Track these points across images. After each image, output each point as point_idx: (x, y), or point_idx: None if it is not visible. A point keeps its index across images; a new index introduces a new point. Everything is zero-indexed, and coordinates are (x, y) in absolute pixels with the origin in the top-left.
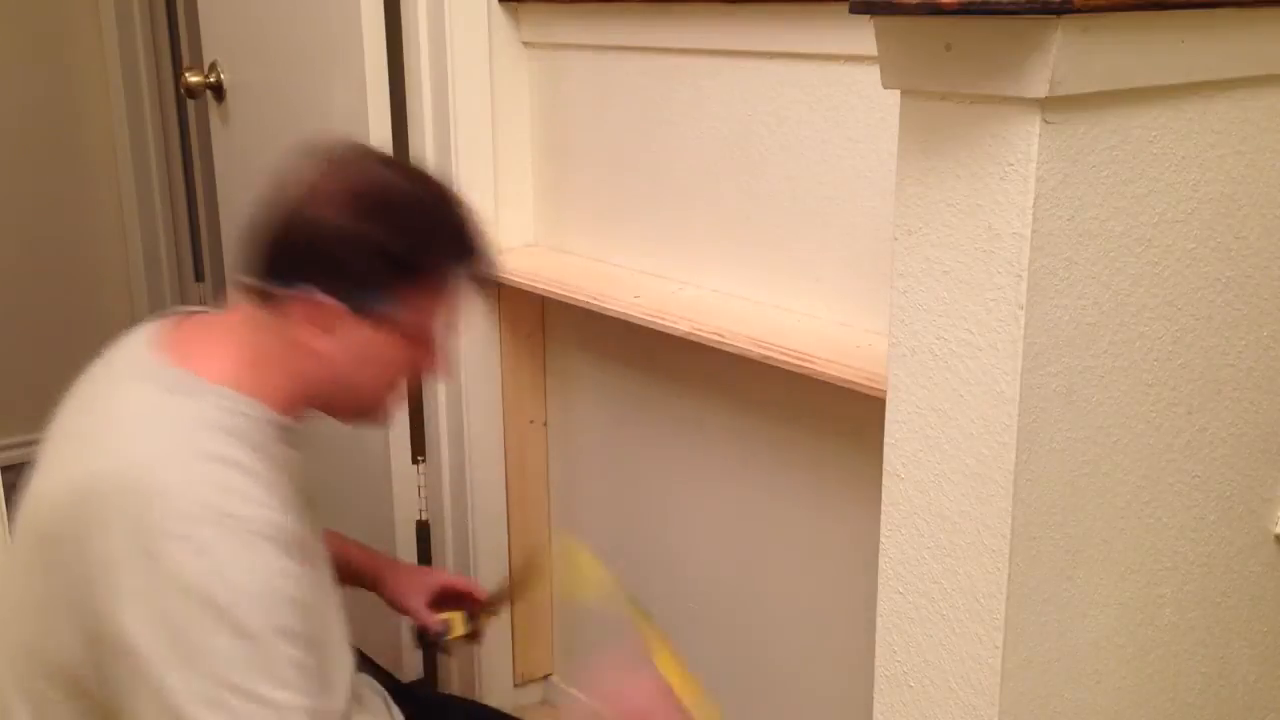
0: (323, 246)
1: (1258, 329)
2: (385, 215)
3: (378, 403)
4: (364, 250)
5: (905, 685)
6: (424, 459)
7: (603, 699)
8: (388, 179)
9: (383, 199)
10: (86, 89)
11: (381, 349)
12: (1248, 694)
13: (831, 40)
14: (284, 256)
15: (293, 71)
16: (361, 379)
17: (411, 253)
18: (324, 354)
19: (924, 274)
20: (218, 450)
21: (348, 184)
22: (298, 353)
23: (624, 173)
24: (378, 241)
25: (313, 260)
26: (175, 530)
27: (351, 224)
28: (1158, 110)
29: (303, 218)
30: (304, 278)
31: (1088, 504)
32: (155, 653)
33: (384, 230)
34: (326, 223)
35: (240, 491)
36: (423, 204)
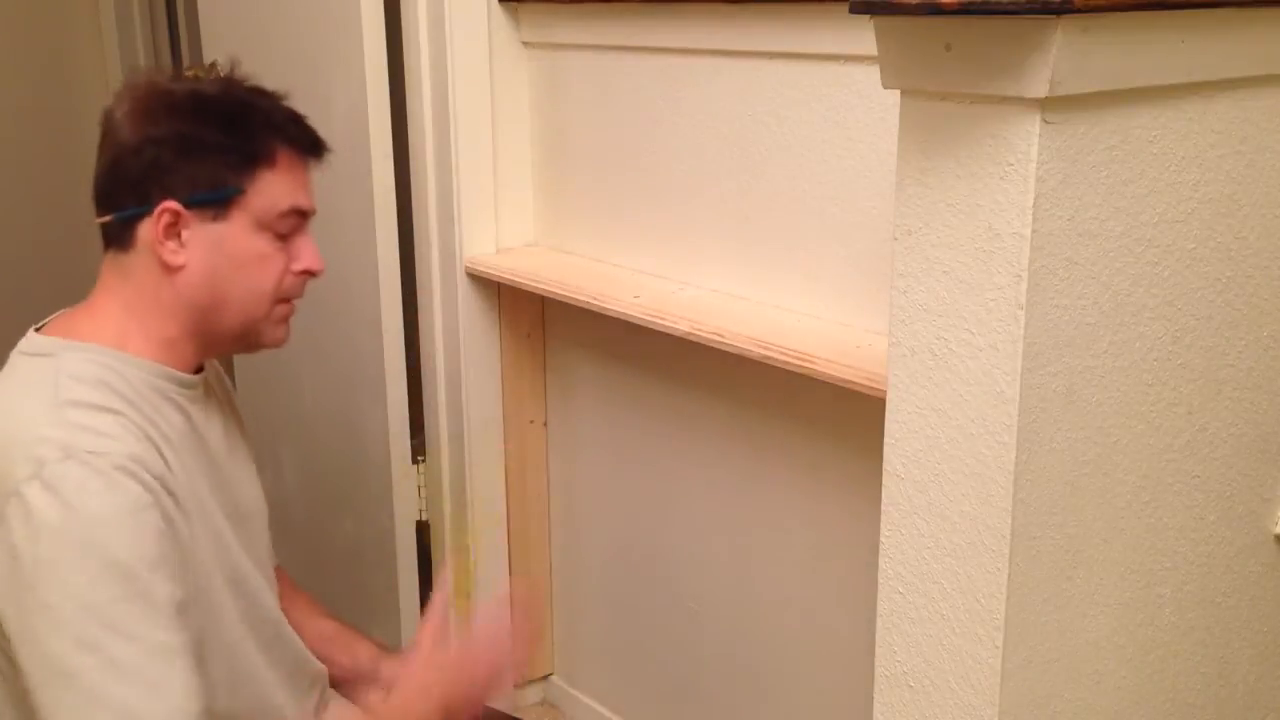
0: (144, 159)
1: (1258, 329)
2: (192, 112)
3: (259, 311)
4: (180, 145)
5: (905, 685)
6: (424, 459)
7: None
8: (182, 85)
9: (185, 99)
10: (86, 89)
11: (239, 242)
12: (1248, 694)
13: (831, 40)
14: (114, 186)
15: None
16: (233, 285)
17: (225, 133)
18: (187, 267)
19: (924, 274)
20: (70, 395)
21: (143, 99)
22: (161, 282)
23: (624, 173)
24: (189, 133)
25: (140, 176)
26: (23, 472)
27: (164, 127)
28: (1158, 110)
29: (116, 142)
30: (136, 198)
31: (1088, 504)
32: (21, 598)
33: (193, 123)
34: (138, 135)
35: (91, 428)
36: (225, 94)
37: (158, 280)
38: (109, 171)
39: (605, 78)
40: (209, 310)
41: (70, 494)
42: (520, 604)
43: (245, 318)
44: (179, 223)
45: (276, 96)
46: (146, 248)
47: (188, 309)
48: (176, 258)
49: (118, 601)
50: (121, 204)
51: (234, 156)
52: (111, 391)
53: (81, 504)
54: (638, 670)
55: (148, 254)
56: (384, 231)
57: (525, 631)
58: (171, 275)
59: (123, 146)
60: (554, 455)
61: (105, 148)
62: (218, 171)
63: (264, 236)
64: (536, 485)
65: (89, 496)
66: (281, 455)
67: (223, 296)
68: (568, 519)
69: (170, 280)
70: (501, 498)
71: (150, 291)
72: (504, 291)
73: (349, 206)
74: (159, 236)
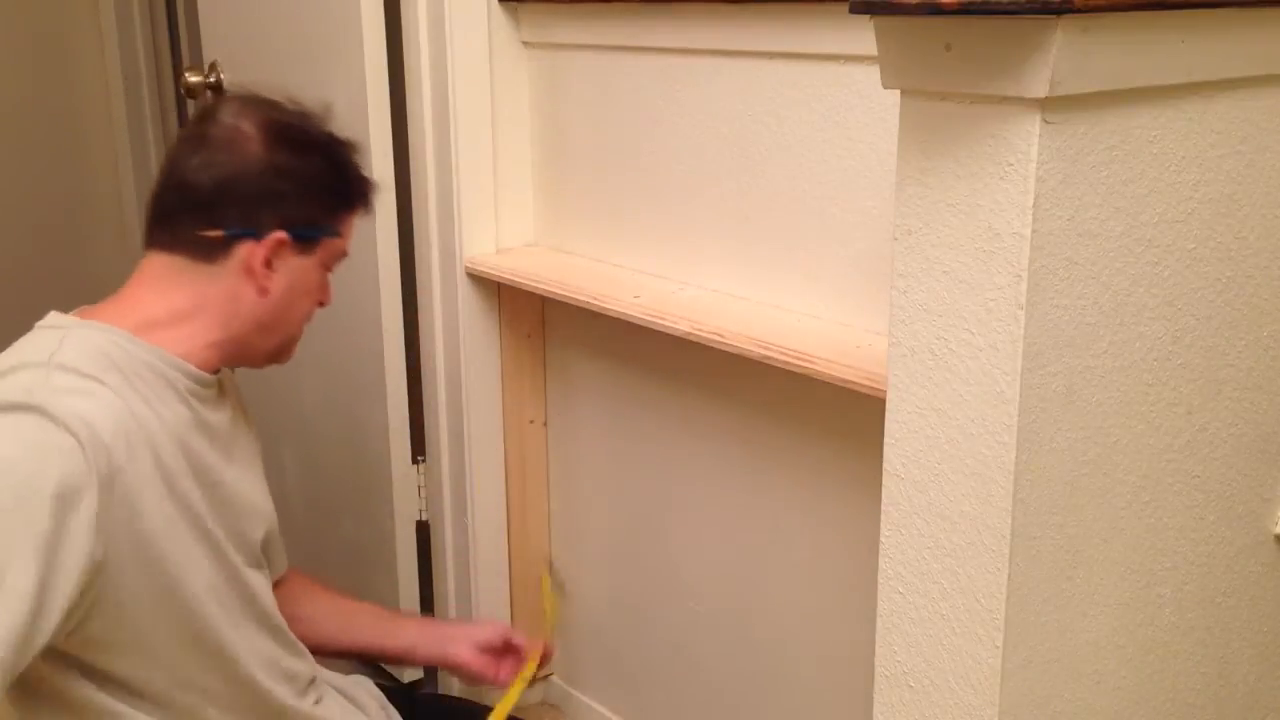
0: (265, 183)
1: (1258, 329)
2: (310, 146)
3: (295, 337)
4: (303, 180)
5: (905, 685)
6: (424, 459)
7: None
8: (295, 116)
9: (302, 134)
10: (86, 89)
11: (309, 276)
12: (1248, 694)
13: (831, 40)
14: (224, 200)
15: (293, 71)
16: (291, 312)
17: (339, 177)
18: (266, 291)
19: (924, 274)
20: (63, 359)
21: (275, 125)
22: (238, 299)
23: (624, 173)
24: (313, 171)
25: (256, 199)
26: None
27: (293, 159)
28: (1158, 110)
29: (239, 156)
30: (245, 219)
31: (1088, 504)
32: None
33: (318, 161)
34: (266, 160)
35: (62, 392)
36: (331, 139)
37: (234, 296)
38: (222, 185)
39: (605, 78)
40: (263, 329)
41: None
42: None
43: (285, 339)
44: (279, 252)
45: (353, 145)
46: (239, 266)
47: (246, 325)
48: (268, 282)
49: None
50: (228, 221)
51: (339, 201)
52: (110, 364)
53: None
54: (638, 670)
55: (237, 273)
56: (384, 231)
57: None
58: (252, 295)
59: (246, 165)
60: (554, 455)
61: (219, 156)
62: (323, 212)
63: (322, 272)
64: (536, 485)
65: (13, 448)
66: (282, 455)
67: (281, 320)
68: (568, 519)
69: (248, 299)
70: (501, 498)
71: (219, 303)
72: (504, 291)
73: None
74: (260, 261)
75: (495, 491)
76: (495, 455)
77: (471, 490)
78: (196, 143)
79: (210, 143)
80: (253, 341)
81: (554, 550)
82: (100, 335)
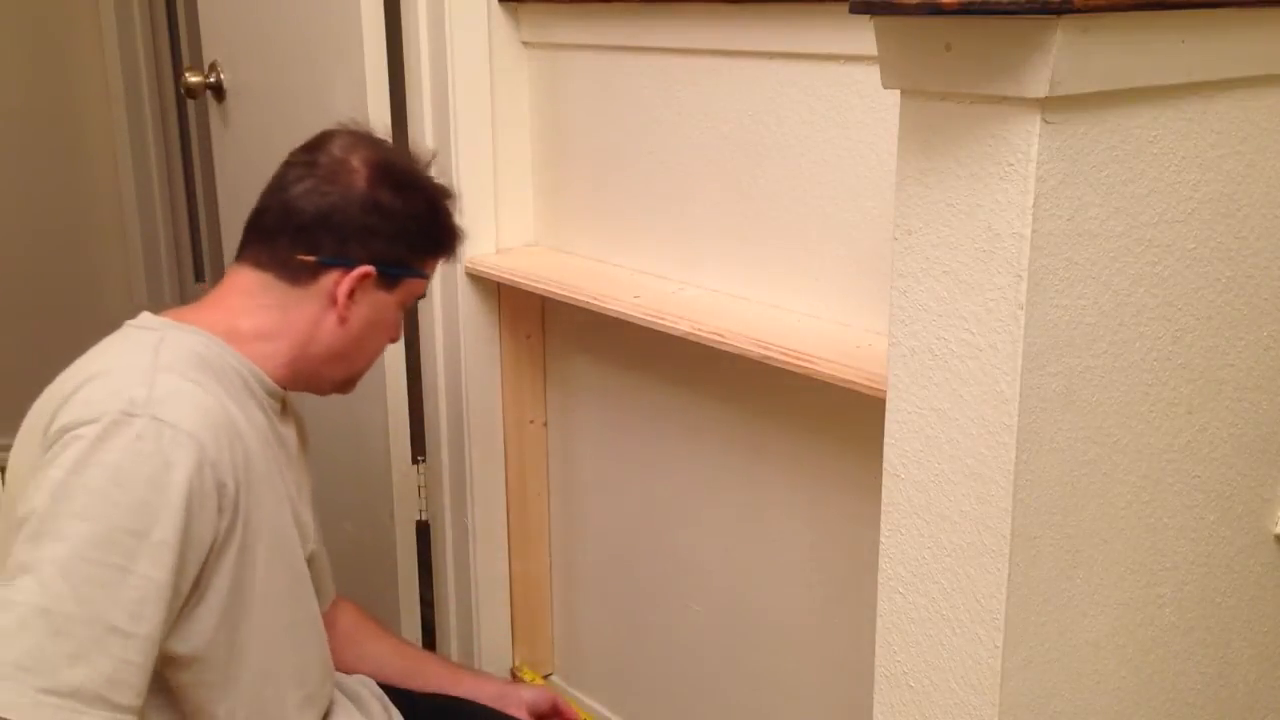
0: (365, 219)
1: (1258, 329)
2: (412, 189)
3: (362, 371)
4: (402, 221)
5: (905, 685)
6: (424, 459)
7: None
8: (402, 158)
9: (408, 174)
10: (86, 89)
11: (388, 311)
12: (1248, 694)
13: (831, 40)
14: (322, 227)
15: (293, 71)
16: (364, 345)
17: (435, 222)
18: (345, 320)
19: (924, 274)
20: (166, 361)
21: (371, 162)
22: (319, 324)
23: (624, 173)
24: (413, 213)
25: (352, 232)
26: (92, 416)
27: (396, 200)
28: (1158, 110)
29: (344, 188)
30: (339, 249)
31: (1088, 504)
32: (25, 521)
33: (420, 205)
34: (370, 196)
35: (173, 395)
36: (432, 185)
37: (315, 321)
38: (323, 214)
39: (605, 78)
40: (336, 358)
41: (113, 450)
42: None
43: (354, 372)
44: (364, 284)
45: (452, 195)
46: (323, 293)
47: (321, 351)
48: (348, 312)
49: (95, 564)
50: (323, 248)
51: (429, 245)
52: (207, 368)
53: (116, 463)
54: (638, 670)
55: (321, 299)
56: None
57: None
58: (332, 323)
59: (348, 198)
60: (554, 455)
61: (325, 185)
62: (412, 253)
63: (399, 310)
64: (536, 485)
65: (127, 459)
66: None
67: (354, 351)
68: (568, 519)
69: (327, 326)
70: (501, 498)
71: (300, 326)
72: (504, 292)
73: None
74: (345, 291)
75: (495, 491)
76: (495, 455)
77: (471, 490)
78: (304, 169)
79: (318, 171)
80: (323, 370)
81: (554, 551)
82: (193, 338)
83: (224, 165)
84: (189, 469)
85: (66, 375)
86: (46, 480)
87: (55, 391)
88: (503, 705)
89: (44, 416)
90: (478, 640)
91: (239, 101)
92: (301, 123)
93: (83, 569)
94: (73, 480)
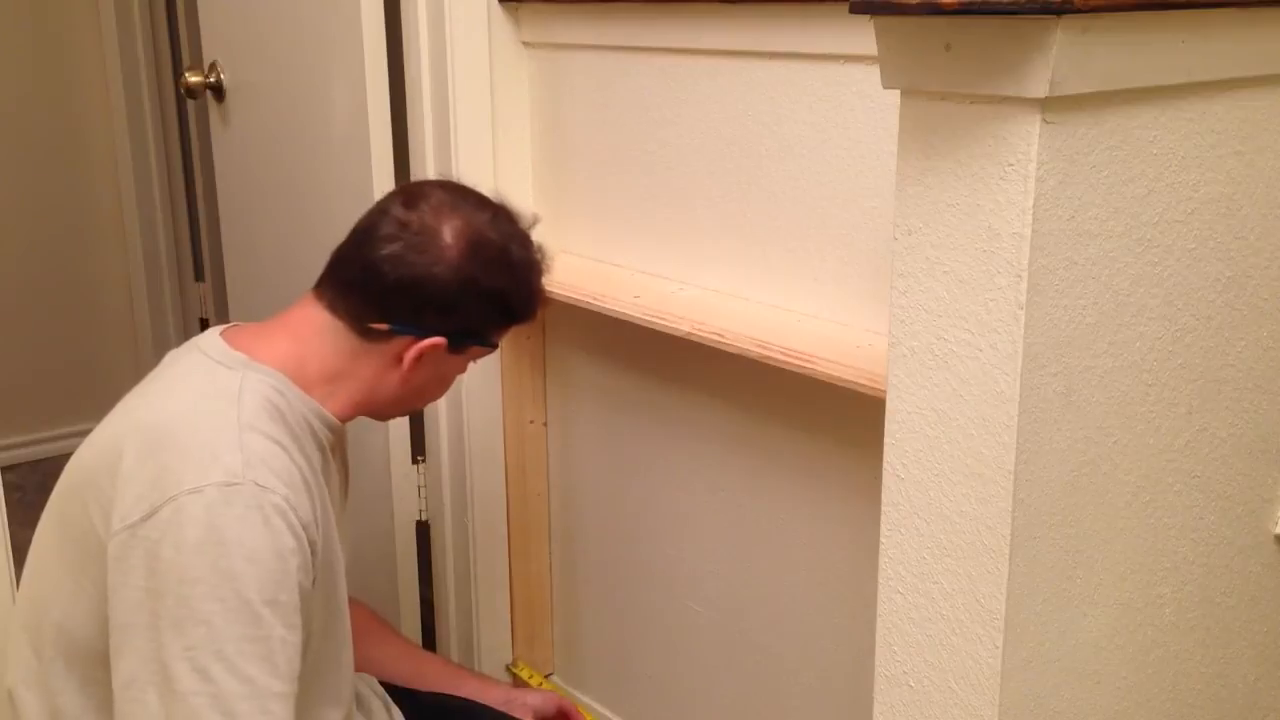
0: (445, 293)
1: (1258, 329)
2: (500, 267)
3: (422, 407)
4: (481, 299)
5: (905, 685)
6: (424, 459)
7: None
8: (492, 229)
9: (499, 254)
10: (86, 89)
11: (452, 369)
12: (1248, 694)
13: (831, 40)
14: (400, 297)
15: (293, 71)
16: (425, 394)
17: (515, 301)
18: (409, 381)
19: (924, 274)
20: (250, 418)
21: (464, 234)
22: (383, 377)
23: (624, 173)
24: (494, 291)
25: (429, 303)
26: (191, 481)
27: (480, 277)
28: (1158, 110)
29: (431, 261)
30: (414, 316)
31: (1088, 504)
32: (148, 600)
33: (502, 284)
34: (456, 272)
35: (264, 460)
36: (522, 258)
37: (379, 376)
38: (405, 285)
39: (605, 78)
40: (397, 404)
41: (228, 523)
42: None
43: (410, 410)
44: (433, 352)
45: (543, 265)
46: (392, 354)
47: (382, 398)
48: (413, 374)
49: (242, 640)
50: (398, 316)
51: (506, 321)
52: (282, 422)
53: (236, 536)
54: (638, 670)
55: (388, 357)
56: None
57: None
58: (396, 380)
59: (433, 274)
60: (554, 455)
61: (411, 255)
62: (489, 326)
63: (465, 365)
64: (536, 485)
65: (245, 530)
66: None
67: (415, 399)
68: (568, 519)
69: (391, 382)
70: (501, 498)
71: (365, 378)
72: None
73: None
74: (413, 356)
75: (495, 491)
76: (495, 455)
77: (471, 490)
78: (395, 228)
79: (407, 233)
80: (385, 411)
81: (554, 551)
82: (268, 385)
83: (224, 165)
84: (292, 531)
85: (146, 404)
86: (163, 561)
87: (138, 421)
88: (508, 709)
89: (128, 446)
90: (478, 640)
91: (239, 101)
92: (301, 123)
93: (232, 647)
94: (195, 561)
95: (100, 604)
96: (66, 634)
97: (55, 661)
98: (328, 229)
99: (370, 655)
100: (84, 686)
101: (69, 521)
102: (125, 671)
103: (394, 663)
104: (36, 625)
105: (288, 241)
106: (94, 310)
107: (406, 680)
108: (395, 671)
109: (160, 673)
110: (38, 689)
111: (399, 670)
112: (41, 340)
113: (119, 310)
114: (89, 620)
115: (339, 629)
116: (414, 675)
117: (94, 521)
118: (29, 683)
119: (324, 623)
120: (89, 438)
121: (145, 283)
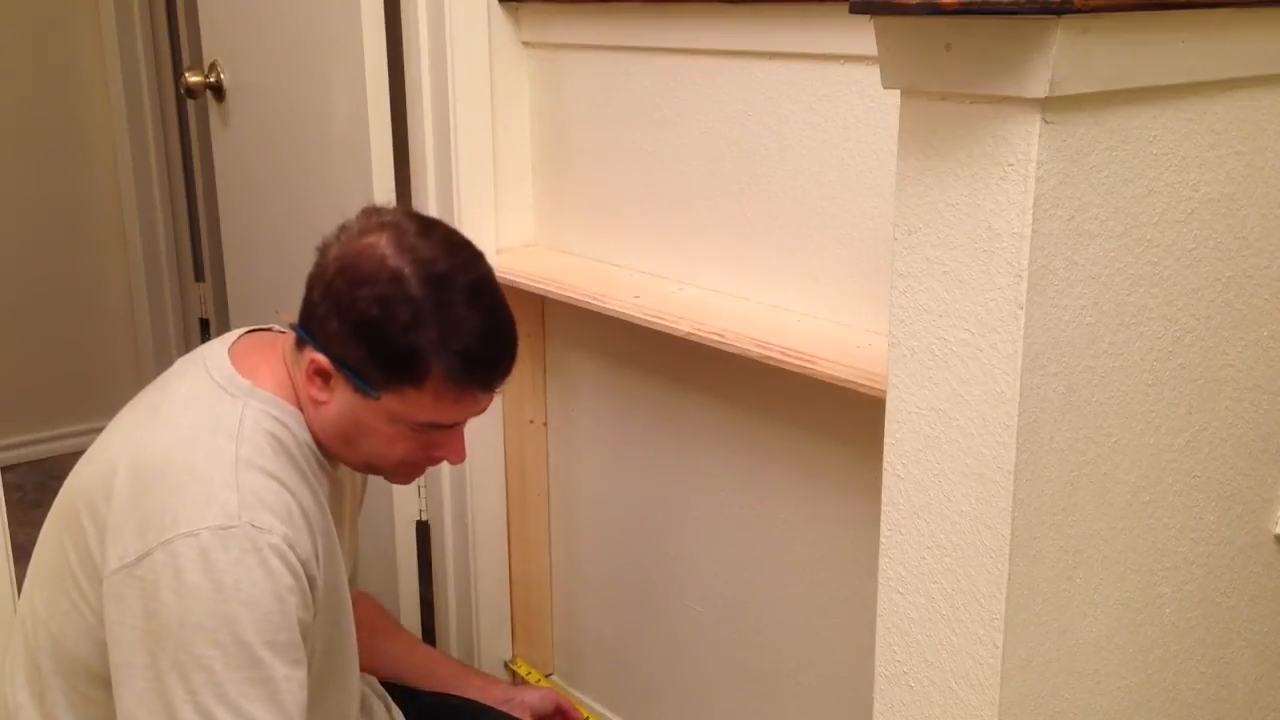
0: (340, 318)
1: (1258, 329)
2: (379, 307)
3: (381, 466)
4: (355, 327)
5: (905, 685)
6: None
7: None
8: (404, 256)
9: (381, 295)
10: (86, 89)
11: (371, 419)
12: (1248, 694)
13: (831, 40)
14: (312, 312)
15: (293, 71)
16: (360, 443)
17: (386, 347)
18: (327, 406)
19: (924, 274)
20: (248, 454)
21: (353, 261)
22: (306, 394)
23: (624, 173)
24: (364, 322)
25: (317, 317)
26: (186, 523)
27: (351, 304)
28: (1158, 110)
29: (334, 285)
30: (321, 337)
31: (1088, 504)
32: (147, 643)
33: (370, 318)
34: (335, 294)
35: (262, 500)
36: (419, 301)
37: (307, 395)
38: (317, 298)
39: (605, 78)
40: (341, 439)
41: (225, 567)
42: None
43: (367, 465)
44: (327, 376)
45: (493, 311)
46: (306, 366)
47: (322, 427)
48: (319, 396)
49: (242, 682)
50: (310, 330)
51: (381, 371)
52: (283, 454)
53: (234, 581)
54: (638, 670)
55: (305, 369)
56: None
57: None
58: (312, 397)
59: (337, 292)
60: (554, 455)
61: (325, 273)
62: (366, 368)
63: (398, 426)
64: (536, 485)
65: (242, 573)
66: None
67: (354, 440)
68: (568, 519)
69: (311, 405)
70: (501, 498)
71: (302, 394)
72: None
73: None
74: (308, 374)
75: (495, 491)
76: (495, 455)
77: (471, 490)
78: (339, 230)
79: (344, 234)
80: (337, 448)
81: (554, 550)
82: (269, 415)
83: (224, 165)
84: (291, 570)
85: (145, 432)
86: (160, 603)
87: (137, 452)
88: (507, 708)
89: (124, 476)
90: (478, 640)
91: (239, 101)
92: (301, 123)
93: (234, 690)
94: (193, 606)
95: (95, 627)
96: (64, 650)
97: (53, 675)
98: (328, 229)
99: (379, 648)
100: (79, 702)
101: (67, 540)
102: (128, 709)
103: (403, 657)
104: (34, 635)
105: (288, 241)
106: (94, 310)
107: (414, 675)
108: (402, 668)
109: (165, 712)
110: (34, 698)
111: (408, 664)
112: (42, 340)
113: (119, 310)
114: (83, 639)
115: (343, 647)
116: (422, 671)
117: (90, 546)
118: (26, 691)
119: (328, 643)
120: (89, 452)
121: (145, 283)
